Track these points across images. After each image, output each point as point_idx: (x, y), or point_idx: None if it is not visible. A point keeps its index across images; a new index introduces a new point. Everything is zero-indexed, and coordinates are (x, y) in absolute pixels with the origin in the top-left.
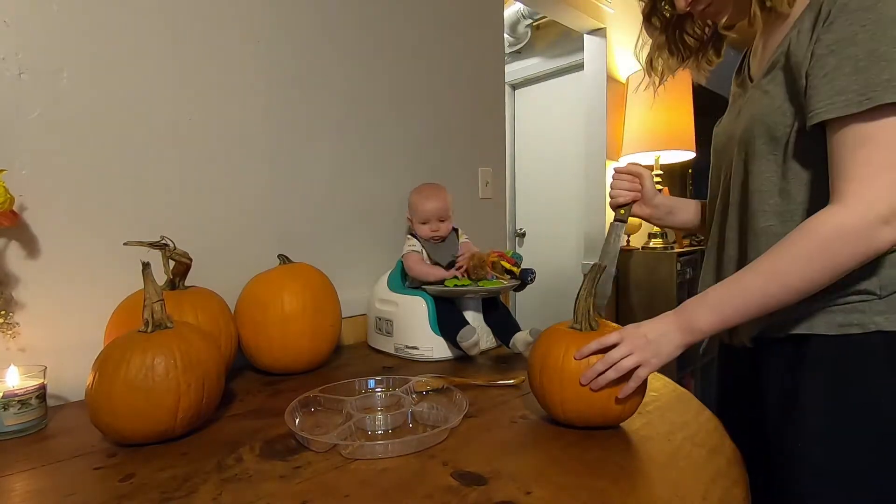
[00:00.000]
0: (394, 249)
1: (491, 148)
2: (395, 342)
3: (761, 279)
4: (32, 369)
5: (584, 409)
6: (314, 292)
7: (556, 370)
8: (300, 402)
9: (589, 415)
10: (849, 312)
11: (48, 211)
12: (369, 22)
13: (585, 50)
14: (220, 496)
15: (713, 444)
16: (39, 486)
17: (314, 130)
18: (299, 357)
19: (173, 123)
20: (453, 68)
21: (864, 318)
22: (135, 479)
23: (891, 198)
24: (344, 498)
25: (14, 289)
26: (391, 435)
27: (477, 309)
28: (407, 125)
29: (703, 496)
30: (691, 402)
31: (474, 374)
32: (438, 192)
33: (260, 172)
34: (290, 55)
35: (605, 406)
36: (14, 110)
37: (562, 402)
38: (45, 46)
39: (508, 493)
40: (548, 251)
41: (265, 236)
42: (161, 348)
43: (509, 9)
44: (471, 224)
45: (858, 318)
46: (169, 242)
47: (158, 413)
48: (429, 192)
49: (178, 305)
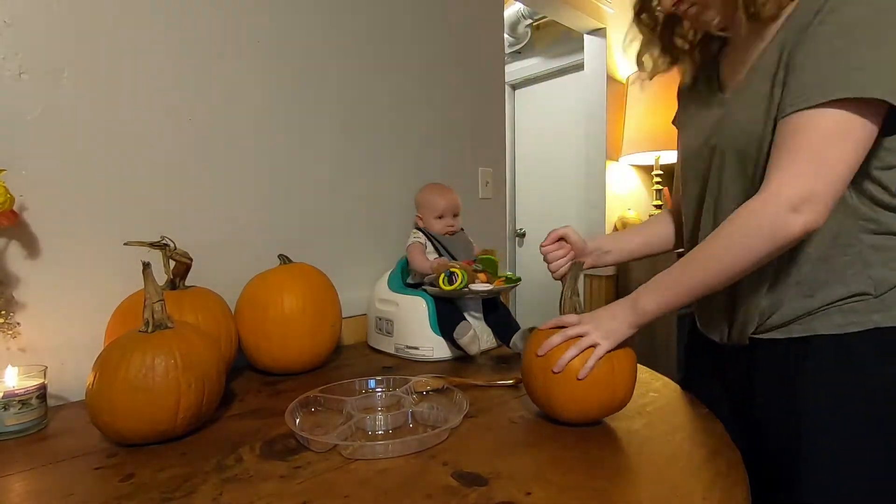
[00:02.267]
0: (394, 249)
1: (491, 148)
2: (396, 342)
3: (695, 266)
4: (32, 369)
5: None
6: (314, 292)
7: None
8: (300, 402)
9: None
10: (847, 313)
11: (48, 211)
12: (369, 22)
13: (585, 50)
14: (220, 496)
15: (713, 444)
16: (39, 486)
17: (314, 130)
18: (299, 357)
19: (173, 123)
20: (453, 68)
21: (862, 317)
22: (135, 479)
23: (801, 185)
24: (344, 498)
25: (14, 289)
26: (391, 435)
27: (477, 309)
28: (407, 125)
29: (703, 496)
30: (691, 403)
31: (474, 375)
32: (450, 190)
33: (260, 172)
34: (290, 55)
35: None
36: (14, 110)
37: (566, 402)
38: (45, 46)
39: (508, 494)
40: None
41: (265, 236)
42: (161, 348)
43: (509, 9)
44: (471, 224)
45: (857, 317)
46: (169, 242)
47: (158, 413)
48: (442, 189)
49: (179, 305)
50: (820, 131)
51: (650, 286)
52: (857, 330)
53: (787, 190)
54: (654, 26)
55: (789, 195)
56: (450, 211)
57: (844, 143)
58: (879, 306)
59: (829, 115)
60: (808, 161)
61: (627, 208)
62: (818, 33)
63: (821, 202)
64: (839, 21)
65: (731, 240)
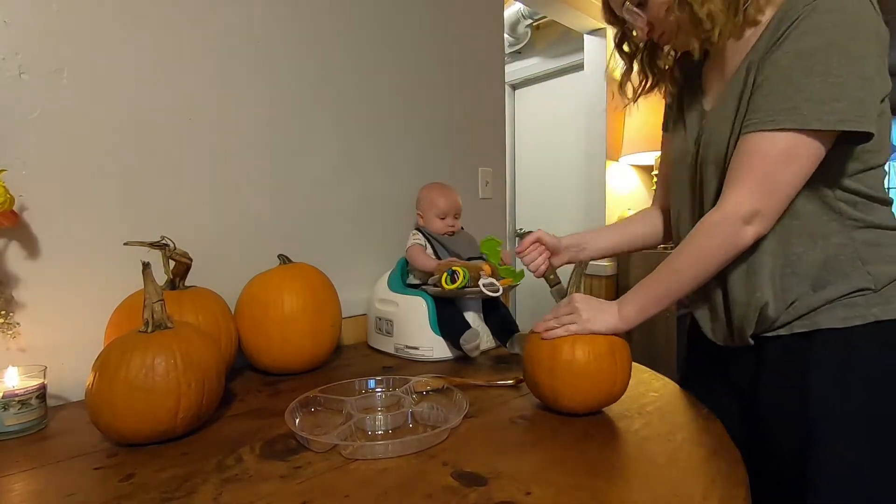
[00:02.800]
0: (394, 249)
1: (491, 148)
2: (396, 342)
3: (664, 277)
4: (32, 369)
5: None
6: (314, 292)
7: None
8: (300, 402)
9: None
10: (849, 307)
11: (48, 211)
12: (369, 22)
13: (585, 50)
14: (220, 496)
15: (713, 444)
16: (39, 486)
17: (314, 130)
18: (299, 357)
19: (173, 123)
20: (453, 68)
21: (864, 310)
22: (135, 479)
23: (753, 203)
24: (344, 498)
25: (14, 289)
26: (391, 435)
27: (477, 309)
28: (407, 125)
29: (704, 496)
30: (691, 403)
31: (474, 374)
32: (452, 190)
33: (260, 172)
34: (289, 55)
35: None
36: (14, 110)
37: (573, 393)
38: (45, 46)
39: (508, 493)
40: None
41: (265, 236)
42: (161, 348)
43: (509, 9)
44: (471, 224)
45: (859, 311)
46: (169, 242)
47: (158, 413)
48: (444, 189)
49: (178, 305)
50: (771, 155)
51: (631, 299)
52: (859, 323)
53: (741, 208)
54: (635, 53)
55: (743, 213)
56: (451, 211)
57: (791, 166)
58: (878, 300)
59: (779, 140)
60: (759, 182)
61: (627, 208)
62: (776, 59)
63: (768, 216)
64: (794, 49)
65: (696, 251)
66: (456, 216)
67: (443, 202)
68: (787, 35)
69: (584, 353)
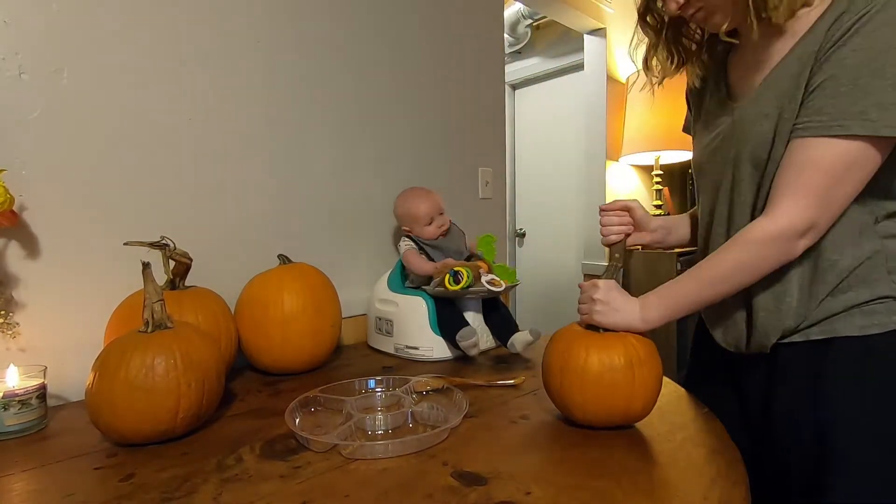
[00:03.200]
0: (394, 249)
1: (491, 148)
2: (395, 342)
3: (699, 285)
4: (32, 369)
5: (603, 410)
6: (314, 292)
7: (577, 372)
8: (300, 402)
9: (610, 414)
10: (868, 315)
11: (48, 211)
12: (369, 22)
13: (585, 50)
14: (220, 496)
15: (713, 444)
16: (39, 486)
17: (314, 130)
18: (299, 357)
19: (173, 123)
20: (453, 68)
21: (884, 318)
22: (135, 479)
23: (808, 215)
24: (344, 498)
25: (14, 289)
26: (391, 435)
27: (477, 309)
28: (407, 125)
29: (704, 496)
30: (691, 403)
31: (474, 374)
32: (426, 191)
33: (260, 172)
34: (289, 55)
35: (626, 406)
36: (14, 110)
37: (583, 403)
38: (45, 46)
39: (508, 493)
40: (548, 251)
41: (265, 236)
42: (161, 348)
43: (509, 9)
44: (471, 224)
45: (878, 318)
46: (169, 242)
47: (159, 413)
48: (417, 194)
49: (178, 305)
50: (835, 165)
51: (657, 303)
52: (879, 332)
53: (799, 223)
54: (660, 28)
55: (797, 226)
56: (435, 211)
57: (854, 176)
58: None
59: (843, 147)
60: (819, 196)
61: None
62: (842, 57)
63: (822, 229)
64: (864, 46)
65: (743, 261)
66: (441, 213)
67: (423, 207)
68: (854, 30)
69: (598, 361)
